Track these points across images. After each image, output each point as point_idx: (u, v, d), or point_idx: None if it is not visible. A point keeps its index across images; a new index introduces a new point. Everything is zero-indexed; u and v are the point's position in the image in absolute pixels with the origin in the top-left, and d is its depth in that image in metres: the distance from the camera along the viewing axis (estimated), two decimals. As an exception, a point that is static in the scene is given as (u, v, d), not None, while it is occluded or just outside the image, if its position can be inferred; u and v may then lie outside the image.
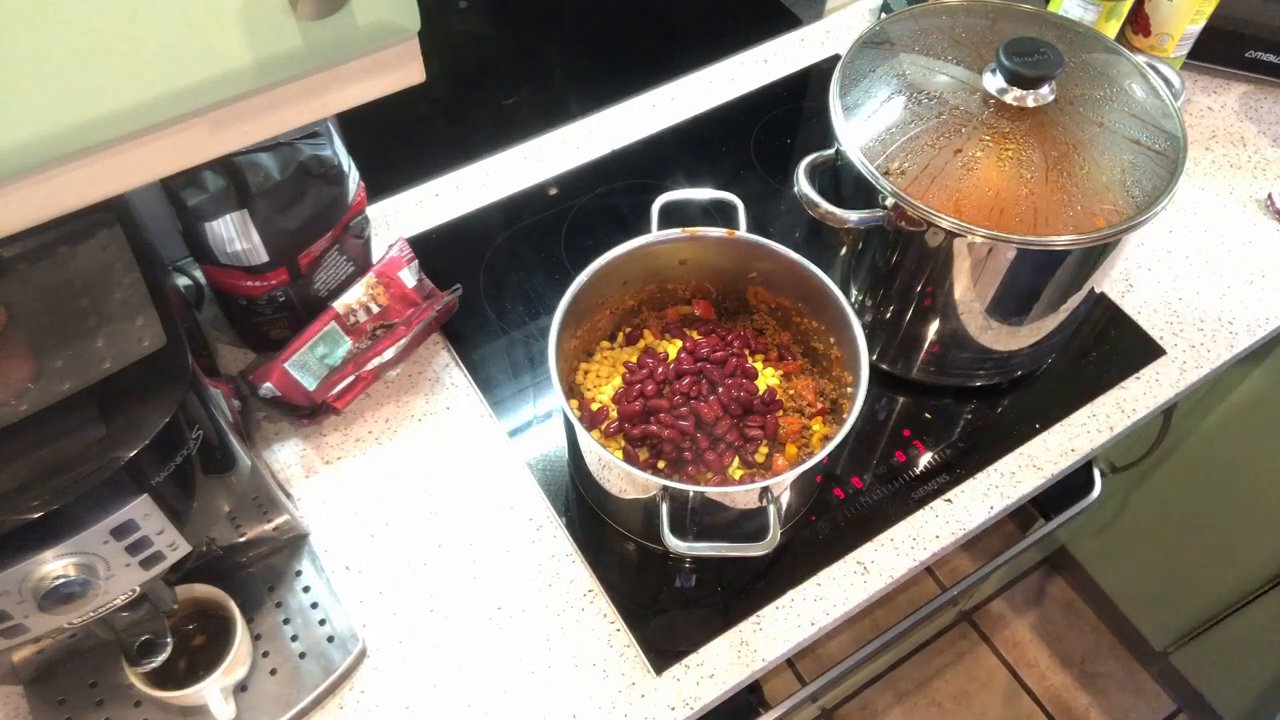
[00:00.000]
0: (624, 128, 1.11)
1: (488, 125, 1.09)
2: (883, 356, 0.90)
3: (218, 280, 0.84)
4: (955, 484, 0.86)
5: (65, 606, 0.55)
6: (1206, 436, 1.29)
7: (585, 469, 0.78)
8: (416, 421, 0.89)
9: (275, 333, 0.88)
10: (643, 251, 0.81)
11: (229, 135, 0.48)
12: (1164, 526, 1.44)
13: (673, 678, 0.76)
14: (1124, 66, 0.81)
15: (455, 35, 0.98)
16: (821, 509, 0.84)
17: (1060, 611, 1.77)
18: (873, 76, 0.80)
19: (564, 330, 0.77)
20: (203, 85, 0.44)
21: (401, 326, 0.88)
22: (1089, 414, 0.91)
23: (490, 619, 0.78)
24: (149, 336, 0.54)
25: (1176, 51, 1.11)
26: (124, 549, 0.55)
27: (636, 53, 1.16)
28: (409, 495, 0.84)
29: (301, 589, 0.78)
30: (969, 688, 1.69)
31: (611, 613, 0.78)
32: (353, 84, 0.50)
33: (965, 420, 0.90)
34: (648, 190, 1.05)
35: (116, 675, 0.71)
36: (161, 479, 0.55)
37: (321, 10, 0.43)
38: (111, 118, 0.43)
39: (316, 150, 0.81)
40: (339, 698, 0.74)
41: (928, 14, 0.85)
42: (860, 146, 0.76)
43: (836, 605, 0.79)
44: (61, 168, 0.44)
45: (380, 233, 1.01)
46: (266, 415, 0.88)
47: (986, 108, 0.76)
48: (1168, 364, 0.94)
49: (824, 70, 1.18)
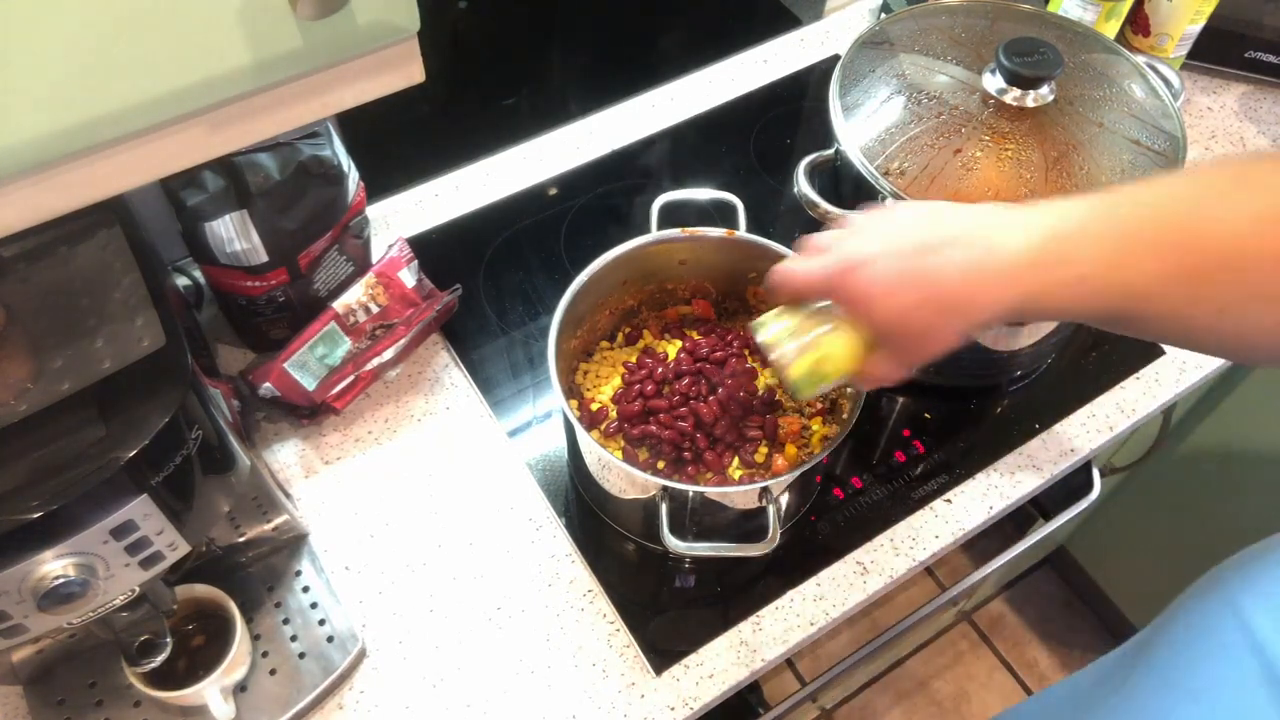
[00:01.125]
0: (624, 128, 1.11)
1: (488, 125, 1.09)
2: (882, 356, 0.90)
3: (217, 280, 0.84)
4: (955, 484, 0.86)
5: (65, 606, 0.55)
6: (1206, 436, 1.29)
7: (585, 469, 0.78)
8: (416, 421, 0.89)
9: (275, 333, 0.88)
10: (642, 251, 0.81)
11: (229, 135, 0.48)
12: (1164, 527, 1.44)
13: (672, 678, 0.76)
14: (1123, 67, 0.81)
15: (455, 35, 0.97)
16: (821, 509, 0.83)
17: (1060, 611, 1.77)
18: (872, 76, 0.80)
19: (564, 330, 0.77)
20: (203, 85, 0.44)
21: (401, 326, 0.88)
22: (1088, 414, 0.91)
23: (490, 619, 0.78)
24: (149, 336, 0.54)
25: (1176, 52, 1.11)
26: (123, 549, 0.55)
27: (636, 53, 1.16)
28: (409, 495, 0.84)
29: (301, 589, 0.78)
30: (969, 688, 1.70)
31: (611, 613, 0.78)
32: (353, 84, 0.50)
33: (965, 420, 0.90)
34: (648, 190, 1.05)
35: (116, 675, 0.71)
36: (161, 479, 0.55)
37: (321, 10, 0.43)
38: (111, 118, 0.43)
39: (316, 150, 0.81)
40: (339, 698, 0.74)
41: (927, 14, 0.85)
42: (860, 146, 0.76)
43: (836, 605, 0.79)
44: (61, 168, 0.44)
45: (380, 233, 1.01)
46: (266, 415, 0.88)
47: (986, 108, 0.76)
48: (1167, 364, 0.94)
49: (824, 70, 1.18)
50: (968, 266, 0.52)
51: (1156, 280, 0.49)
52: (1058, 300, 0.51)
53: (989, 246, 0.52)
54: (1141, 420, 0.92)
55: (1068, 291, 0.51)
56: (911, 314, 0.54)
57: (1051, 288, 0.51)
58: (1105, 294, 0.50)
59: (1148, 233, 0.49)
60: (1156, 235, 0.49)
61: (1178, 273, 0.48)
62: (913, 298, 0.53)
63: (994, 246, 0.51)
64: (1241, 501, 1.29)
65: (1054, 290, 0.51)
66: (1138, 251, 0.49)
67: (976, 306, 0.52)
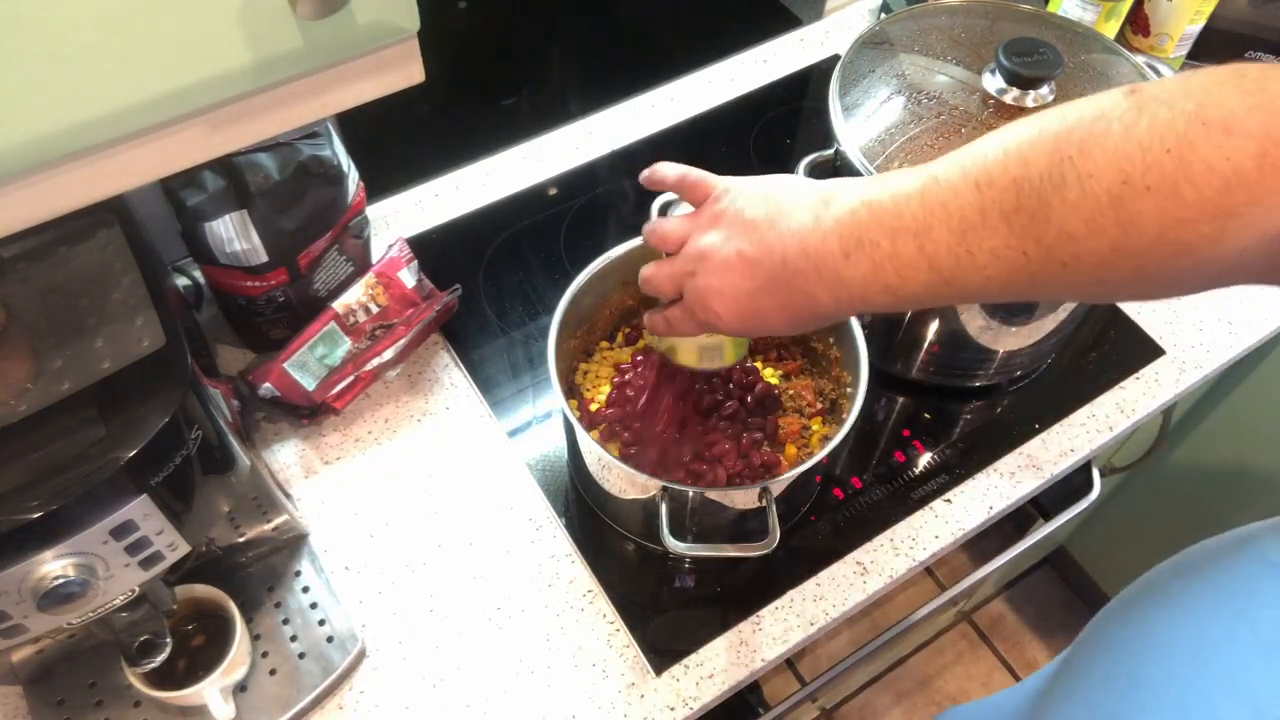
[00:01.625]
0: (624, 128, 1.11)
1: (488, 125, 1.09)
2: (882, 356, 0.90)
3: (217, 280, 0.84)
4: (955, 484, 0.86)
5: (65, 606, 0.55)
6: (1206, 436, 1.29)
7: (585, 469, 0.78)
8: (416, 421, 0.89)
9: (275, 333, 0.88)
10: (643, 251, 0.81)
11: (229, 135, 0.48)
12: (1164, 527, 1.44)
13: (672, 678, 0.76)
14: (1123, 67, 0.81)
15: (455, 35, 0.97)
16: (821, 509, 0.83)
17: (1060, 611, 1.77)
18: (872, 76, 0.80)
19: (563, 330, 0.77)
20: (203, 85, 0.44)
21: (401, 326, 0.88)
22: (1088, 414, 0.91)
23: (490, 619, 0.78)
24: (149, 336, 0.54)
25: (1176, 52, 1.11)
26: (123, 549, 0.55)
27: (636, 53, 1.16)
28: (409, 495, 0.84)
29: (301, 589, 0.78)
30: (969, 688, 1.69)
31: (611, 613, 0.78)
32: (353, 84, 0.50)
33: (965, 420, 0.90)
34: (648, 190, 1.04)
35: (116, 675, 0.71)
36: (161, 479, 0.55)
37: (321, 10, 0.43)
38: (111, 118, 0.43)
39: (316, 150, 0.81)
40: (338, 698, 0.74)
41: (927, 14, 0.85)
42: (860, 146, 0.76)
43: (836, 605, 0.79)
44: (61, 168, 0.44)
45: (380, 233, 1.01)
46: (266, 415, 0.88)
47: (986, 108, 0.76)
48: (1167, 364, 0.94)
49: (824, 70, 1.18)
50: (808, 296, 0.52)
51: (987, 285, 0.46)
52: (901, 305, 0.50)
53: (818, 271, 0.51)
54: (1141, 420, 0.92)
55: (906, 303, 0.50)
56: (765, 324, 0.56)
57: (890, 302, 0.50)
58: (942, 299, 0.49)
59: (972, 239, 0.45)
60: (983, 241, 0.45)
61: (1014, 274, 0.45)
62: (764, 317, 0.55)
63: (824, 272, 0.51)
64: (1241, 501, 1.29)
65: (893, 304, 0.50)
66: (962, 261, 0.46)
67: (823, 315, 0.53)
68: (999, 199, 0.44)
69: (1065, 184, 0.42)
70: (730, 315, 0.56)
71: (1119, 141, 0.40)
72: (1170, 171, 0.39)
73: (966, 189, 0.46)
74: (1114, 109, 0.41)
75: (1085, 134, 0.41)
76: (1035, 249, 0.43)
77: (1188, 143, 0.38)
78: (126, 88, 0.42)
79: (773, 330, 0.57)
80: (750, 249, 0.54)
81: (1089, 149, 0.41)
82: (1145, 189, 0.39)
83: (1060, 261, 0.43)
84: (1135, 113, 0.40)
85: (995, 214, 0.44)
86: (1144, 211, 0.40)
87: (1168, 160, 0.39)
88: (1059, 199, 0.42)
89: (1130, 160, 0.40)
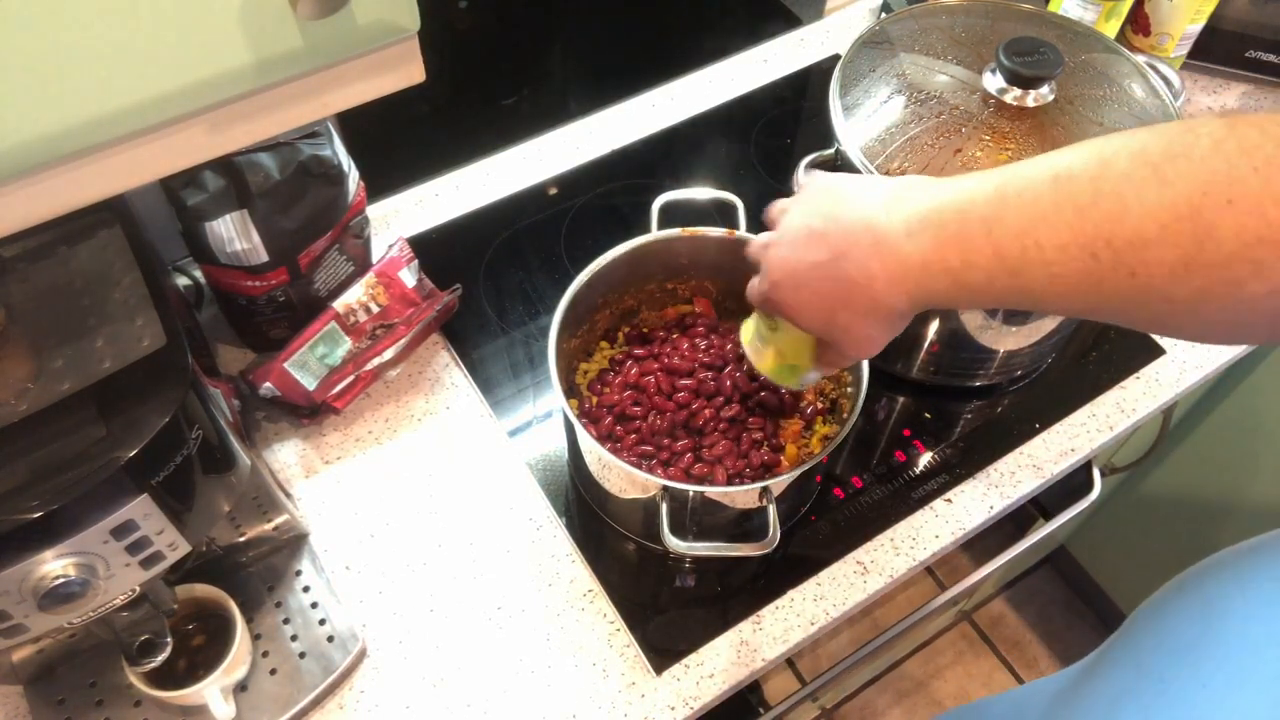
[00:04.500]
0: (624, 128, 1.11)
1: (488, 125, 1.09)
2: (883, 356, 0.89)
3: (218, 280, 0.84)
4: (955, 484, 0.86)
5: (65, 606, 0.55)
6: (1206, 436, 1.29)
7: (585, 469, 0.78)
8: (416, 421, 0.89)
9: (275, 333, 0.88)
10: (642, 251, 0.81)
11: (229, 135, 0.48)
12: (1164, 527, 1.44)
13: (672, 677, 0.76)
14: (1124, 66, 0.81)
15: (455, 35, 0.97)
16: (821, 509, 0.84)
17: (1060, 611, 1.77)
18: (872, 76, 0.80)
19: (564, 330, 0.77)
20: (203, 85, 0.44)
21: (401, 326, 0.88)
22: (1089, 414, 0.91)
23: (490, 619, 0.78)
24: (149, 336, 0.54)
25: (1176, 51, 1.11)
26: (124, 549, 0.55)
27: (636, 53, 1.16)
28: (409, 495, 0.84)
29: (301, 589, 0.78)
30: (969, 688, 1.69)
31: (611, 612, 0.78)
32: (353, 84, 0.50)
33: (965, 420, 0.90)
34: (648, 190, 1.04)
35: (116, 675, 0.71)
36: (161, 479, 0.55)
37: (321, 10, 0.43)
38: (111, 118, 0.43)
39: (316, 150, 0.81)
40: (339, 697, 0.74)
41: (928, 14, 0.85)
42: (860, 146, 0.76)
43: (836, 605, 0.79)
44: (61, 168, 0.44)
45: (380, 233, 1.01)
46: (266, 415, 0.88)
47: (986, 107, 0.76)
48: (1167, 364, 0.94)
49: (824, 70, 1.18)
50: (865, 273, 0.52)
51: (1051, 286, 0.46)
52: (960, 296, 0.50)
53: (877, 246, 0.51)
54: (1141, 420, 0.92)
55: (966, 293, 0.49)
56: (833, 320, 0.56)
57: (949, 289, 0.50)
58: (1005, 296, 0.48)
59: (1042, 230, 0.45)
60: (1053, 235, 0.45)
61: (1080, 278, 0.45)
62: (828, 306, 0.56)
63: (883, 247, 0.51)
64: (1241, 501, 1.29)
65: (952, 292, 0.50)
66: (1029, 253, 0.46)
67: (885, 306, 0.53)
68: (1075, 193, 0.44)
69: (1145, 186, 0.41)
70: (786, 284, 0.57)
71: (1205, 154, 0.40)
72: (1255, 189, 0.39)
73: (1043, 181, 0.45)
74: (1203, 126, 0.41)
75: (1171, 144, 0.42)
76: (1105, 251, 0.43)
77: (1276, 165, 0.39)
78: (127, 87, 0.42)
79: (822, 315, 0.56)
80: (818, 223, 0.55)
81: (1174, 157, 0.41)
82: (1227, 202, 0.39)
83: (1129, 269, 0.43)
84: (1226, 130, 0.40)
85: (1070, 207, 0.44)
86: (1221, 225, 0.39)
87: (1254, 178, 0.39)
88: (1137, 200, 0.42)
89: (1215, 173, 0.40)
